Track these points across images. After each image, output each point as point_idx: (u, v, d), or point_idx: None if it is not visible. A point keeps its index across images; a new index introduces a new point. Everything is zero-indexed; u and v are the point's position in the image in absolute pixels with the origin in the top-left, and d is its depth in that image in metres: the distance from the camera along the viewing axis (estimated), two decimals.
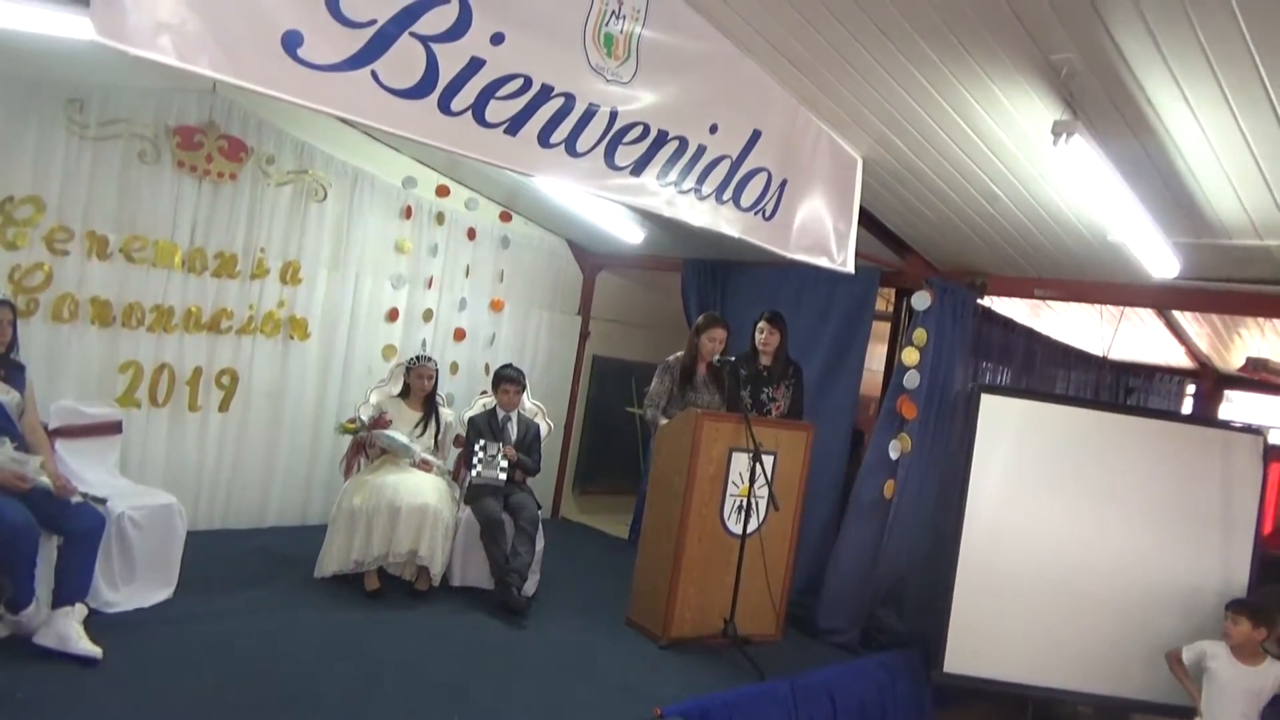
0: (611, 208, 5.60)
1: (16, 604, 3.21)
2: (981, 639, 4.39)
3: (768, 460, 4.38)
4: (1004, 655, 4.40)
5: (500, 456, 4.67)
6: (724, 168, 3.44)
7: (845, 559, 4.74)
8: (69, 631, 3.24)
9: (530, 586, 4.64)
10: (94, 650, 3.22)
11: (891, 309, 5.51)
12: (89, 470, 4.05)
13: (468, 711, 3.29)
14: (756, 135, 3.52)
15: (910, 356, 4.64)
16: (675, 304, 6.36)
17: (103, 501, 3.57)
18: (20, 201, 4.34)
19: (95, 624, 3.43)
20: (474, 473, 4.65)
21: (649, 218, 5.53)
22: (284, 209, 5.24)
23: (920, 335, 4.64)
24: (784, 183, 3.67)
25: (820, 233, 3.88)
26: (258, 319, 5.21)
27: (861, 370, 5.29)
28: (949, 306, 4.75)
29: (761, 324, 4.85)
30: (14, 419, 3.42)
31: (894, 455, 4.64)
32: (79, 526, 3.37)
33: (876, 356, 5.67)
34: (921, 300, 4.66)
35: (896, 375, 4.72)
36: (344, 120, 4.91)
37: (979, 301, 5.09)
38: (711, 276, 6.06)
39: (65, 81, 4.40)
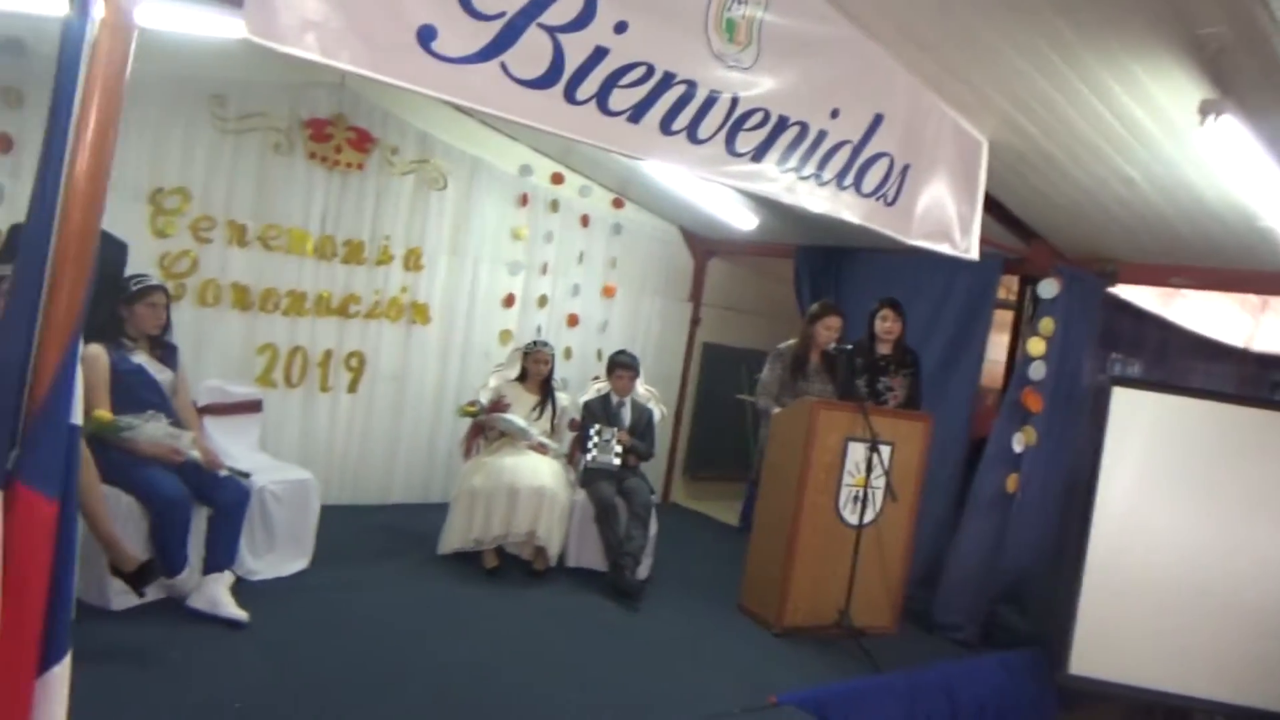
0: (724, 194, 5.58)
1: (171, 570, 3.44)
2: (1109, 641, 4.22)
3: (885, 450, 4.31)
4: (1133, 659, 4.22)
5: (614, 441, 4.74)
6: (845, 153, 3.38)
7: (965, 553, 4.63)
8: (219, 596, 3.46)
9: (644, 570, 4.69)
10: (241, 614, 3.43)
11: (1014, 297, 5.33)
12: (233, 446, 4.29)
13: (583, 691, 3.36)
14: (879, 120, 3.46)
15: (1036, 347, 4.48)
16: (787, 291, 6.31)
17: (247, 475, 3.78)
18: (169, 192, 4.62)
19: (241, 590, 3.65)
20: (589, 457, 4.73)
21: (762, 204, 5.49)
22: (407, 197, 5.42)
23: (1047, 324, 4.48)
24: (906, 167, 3.59)
25: (943, 218, 3.78)
26: (383, 304, 5.41)
27: (982, 361, 5.14)
28: (1077, 295, 4.56)
29: (884, 311, 4.77)
30: (169, 396, 3.67)
31: (1018, 448, 4.50)
32: (226, 498, 3.59)
33: (998, 346, 5.49)
34: (1049, 288, 4.50)
35: (1021, 366, 4.57)
36: (463, 110, 5.08)
37: (1108, 290, 4.87)
38: (825, 263, 5.98)
39: (209, 78, 4.65)
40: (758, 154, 3.16)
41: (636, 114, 2.84)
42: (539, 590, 4.42)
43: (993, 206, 4.50)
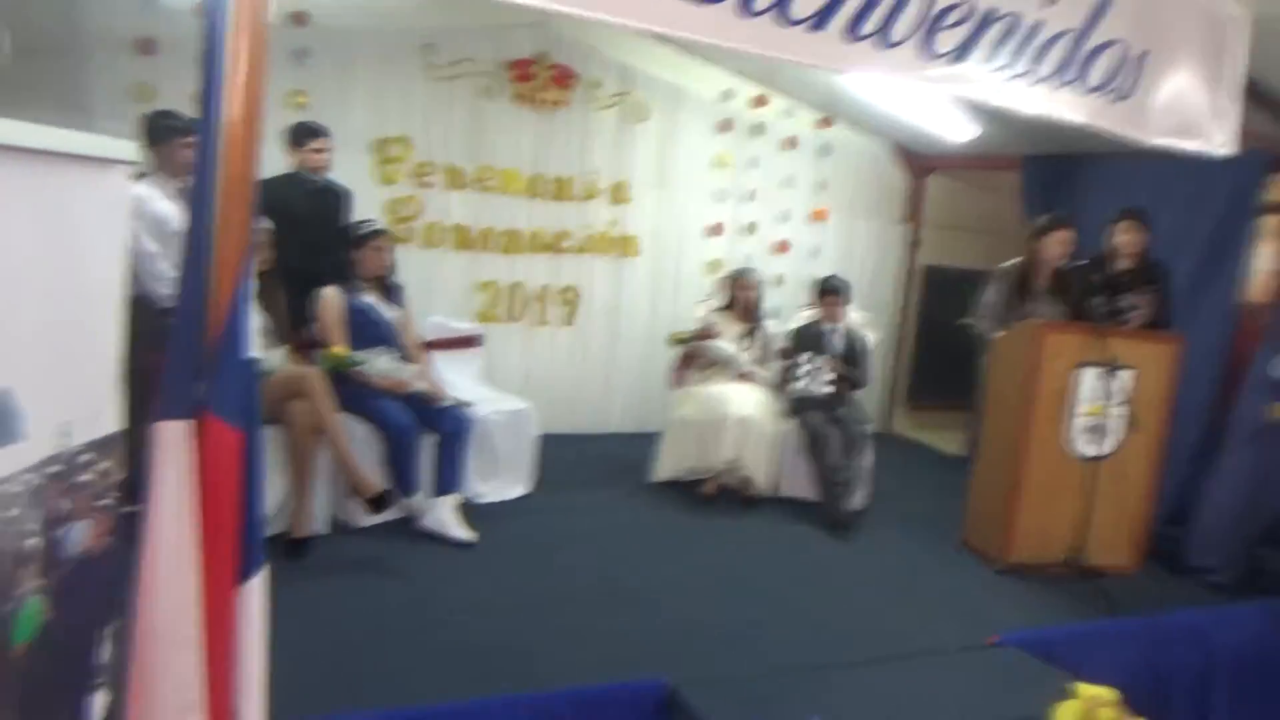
0: (940, 104, 5.19)
1: (405, 491, 3.73)
2: None
3: (1125, 376, 3.91)
4: None
5: (824, 369, 4.60)
6: (1065, 44, 3.00)
7: (1223, 488, 4.14)
8: (447, 518, 3.72)
9: (857, 501, 4.58)
10: (468, 535, 3.69)
11: None
12: (457, 378, 4.57)
13: (788, 621, 3.34)
14: (1106, 2, 3.04)
15: None
16: (1015, 206, 5.81)
17: (469, 405, 4.01)
18: (391, 141, 4.92)
19: (468, 511, 3.91)
20: (798, 385, 4.64)
21: (982, 112, 5.05)
22: (611, 131, 5.47)
23: None
24: (1144, 54, 3.14)
25: (1190, 111, 3.29)
26: (593, 238, 5.53)
27: (1243, 274, 4.50)
28: None
29: (1124, 222, 4.29)
30: (396, 333, 3.95)
31: (1276, 374, 3.93)
32: (450, 427, 3.83)
33: (1266, 257, 4.80)
34: None
35: None
36: (660, 37, 5.01)
37: None
38: (1055, 173, 5.45)
39: (419, 29, 4.88)
40: (960, 53, 2.86)
41: (820, 20, 2.64)
42: (749, 519, 4.42)
43: (1257, 93, 3.88)
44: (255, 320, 3.52)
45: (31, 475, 1.02)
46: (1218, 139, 3.32)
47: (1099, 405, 3.93)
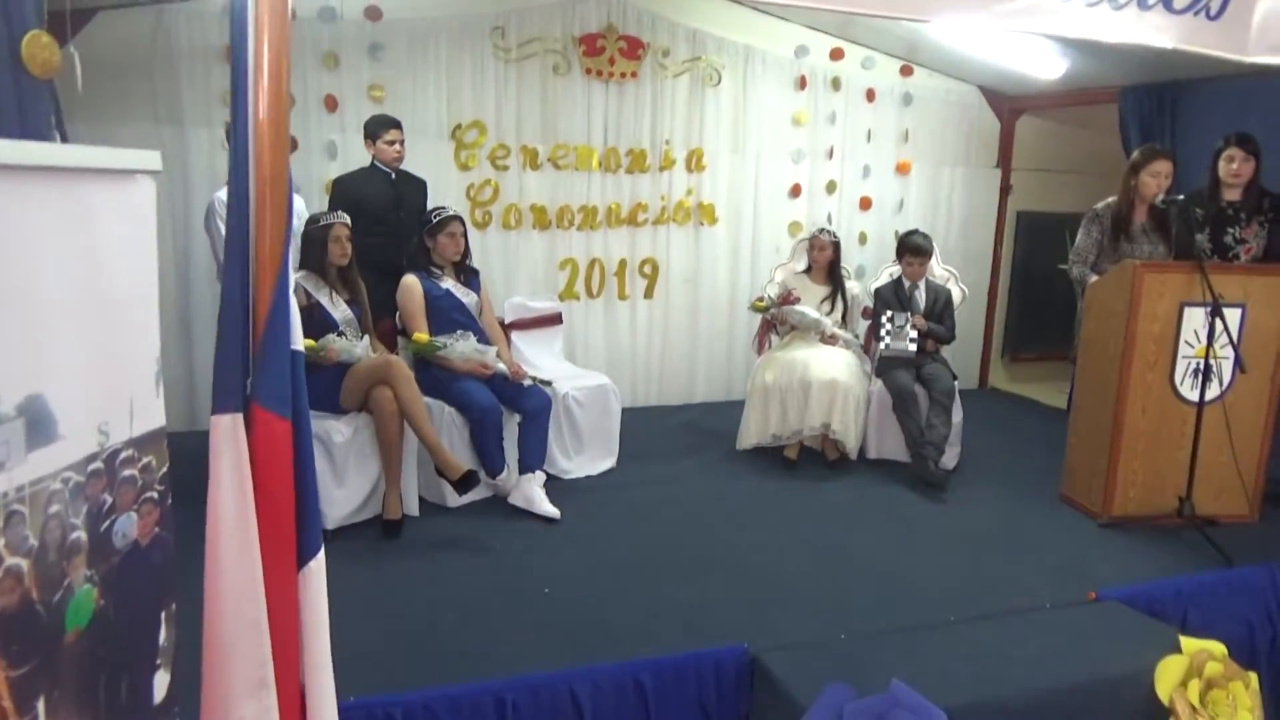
0: (1024, 42, 4.95)
1: (492, 470, 3.84)
2: None
3: (1232, 314, 3.69)
4: None
5: (909, 327, 4.49)
6: None
7: None
8: (533, 494, 3.80)
9: (949, 459, 4.47)
10: (553, 511, 3.76)
11: None
12: (538, 357, 4.66)
13: (879, 583, 3.29)
14: None
15: None
16: (1113, 143, 5.51)
17: (549, 384, 4.08)
18: (467, 127, 5.00)
19: (555, 487, 4.00)
20: (883, 345, 4.54)
21: (1070, 45, 4.80)
22: (683, 98, 5.42)
23: None
24: None
25: None
26: (669, 209, 5.50)
27: None
28: None
29: (1230, 151, 4.02)
30: (475, 316, 4.03)
31: None
32: (531, 405, 3.90)
33: None
34: None
35: None
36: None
37: None
38: (1156, 103, 5.13)
39: (487, 13, 4.93)
40: None
41: None
42: (839, 482, 4.37)
43: None
44: (341, 314, 3.68)
45: (71, 473, 1.09)
46: None
47: (1203, 347, 3.72)
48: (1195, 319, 3.73)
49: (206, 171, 4.51)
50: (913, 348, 4.49)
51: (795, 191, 5.77)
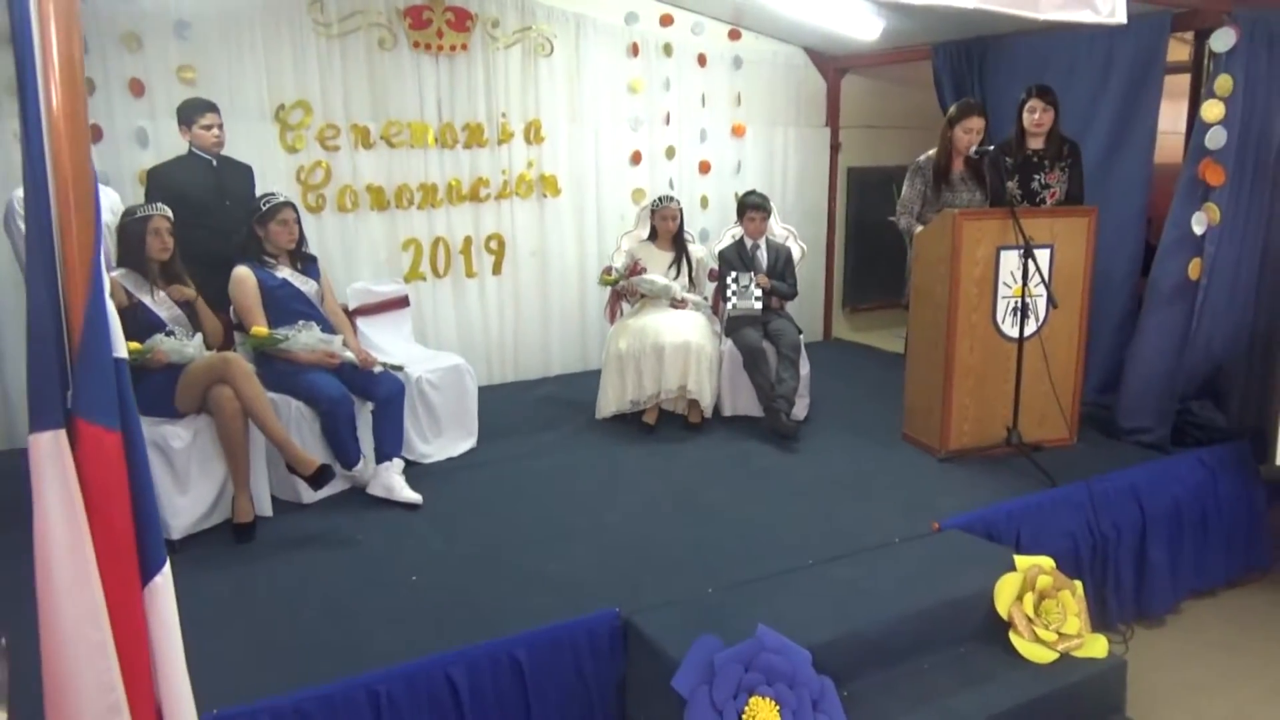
0: (844, 3, 5.14)
1: (347, 462, 3.73)
2: None
3: (1042, 255, 3.99)
4: None
5: (753, 285, 4.63)
6: None
7: (1147, 351, 4.26)
8: (392, 482, 3.73)
9: (800, 410, 4.65)
10: (415, 497, 3.69)
11: (1191, 58, 4.66)
12: (388, 342, 4.54)
13: (743, 537, 3.41)
14: None
15: (1212, 111, 3.91)
16: (930, 98, 5.81)
17: (400, 368, 3.99)
18: (291, 107, 4.77)
19: (415, 473, 3.93)
20: (730, 305, 4.66)
21: (884, 6, 5.01)
22: (516, 70, 5.34)
23: (1224, 83, 3.88)
24: None
25: None
26: (511, 182, 5.43)
27: (1154, 137, 4.56)
28: (1262, 40, 3.90)
29: (1032, 102, 4.31)
30: (316, 305, 3.88)
31: (1199, 229, 4.01)
32: (383, 392, 3.81)
33: (1176, 117, 4.87)
34: (1223, 39, 3.86)
35: (1196, 135, 4.02)
36: None
37: None
38: (966, 59, 5.44)
39: None
40: None
41: None
42: (697, 442, 4.48)
43: None
44: (168, 312, 3.47)
45: None
46: (1105, 8, 3.31)
47: (1019, 287, 4.00)
48: (1011, 261, 4.00)
49: (1, 167, 4.13)
50: (759, 306, 4.63)
51: (636, 159, 5.81)
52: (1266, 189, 4.11)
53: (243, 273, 3.70)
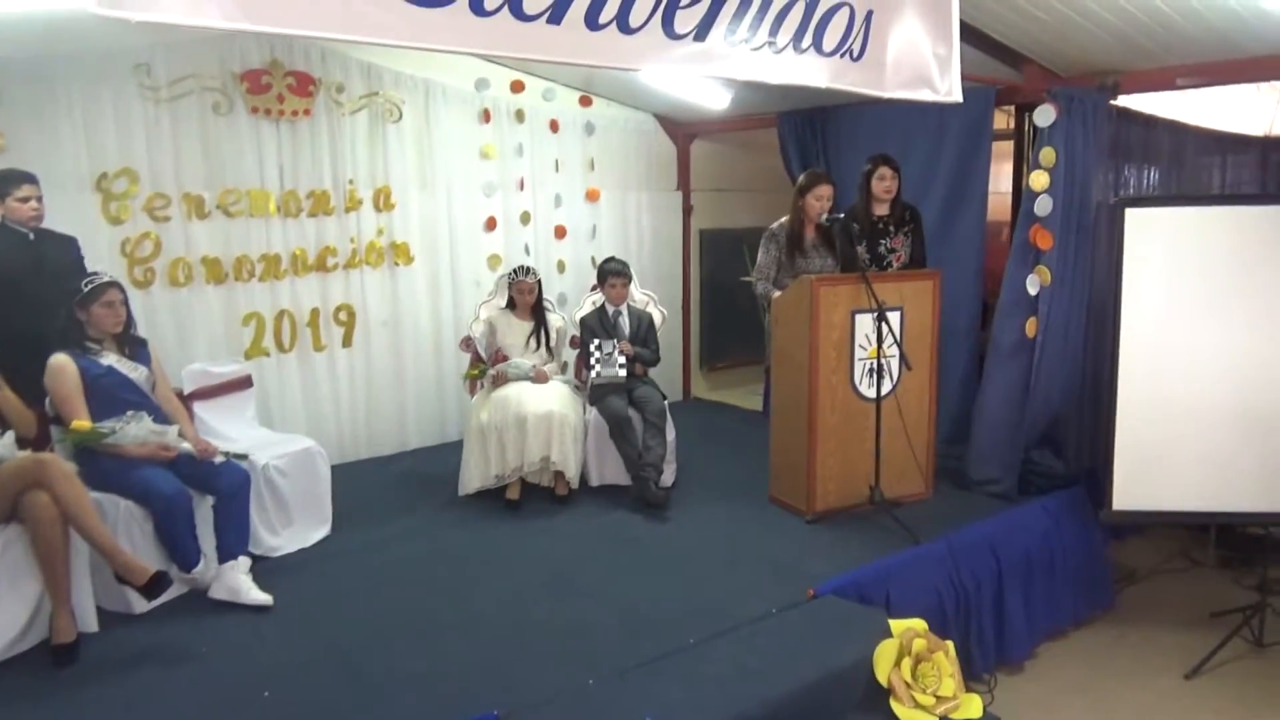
0: (694, 78, 5.26)
1: (186, 565, 3.40)
2: (1151, 470, 4.08)
3: (893, 316, 4.14)
4: (1178, 484, 4.08)
5: (617, 353, 4.59)
6: (798, 12, 3.08)
7: (991, 406, 4.48)
8: (238, 583, 3.42)
9: (668, 477, 4.62)
10: (263, 598, 3.39)
11: (1013, 125, 5.02)
12: (229, 426, 4.22)
13: (618, 613, 3.31)
14: None
15: (1039, 180, 4.20)
16: (777, 163, 6.01)
17: (244, 456, 3.70)
18: (115, 175, 4.41)
19: (264, 569, 3.63)
20: (593, 373, 4.60)
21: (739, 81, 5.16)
22: (363, 136, 5.17)
23: (1048, 154, 4.18)
24: (869, 14, 3.27)
25: (918, 63, 3.47)
26: (360, 251, 5.22)
27: (986, 201, 4.87)
28: (1078, 116, 4.24)
29: (881, 169, 4.51)
30: (147, 393, 3.55)
31: (1033, 290, 4.27)
32: (226, 485, 3.51)
33: (1003, 178, 5.22)
34: (1045, 115, 4.18)
35: (1025, 203, 4.31)
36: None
37: (1112, 103, 4.53)
38: (810, 127, 5.67)
39: (129, 47, 4.37)
40: (700, 31, 2.88)
41: (556, 13, 2.56)
42: (565, 515, 4.37)
43: (975, 36, 4.18)
44: None
45: None
46: (944, 86, 3.51)
47: (874, 349, 4.13)
48: (865, 324, 4.13)
49: None
50: (622, 373, 4.59)
51: (490, 225, 5.71)
52: (1088, 249, 4.43)
53: (61, 360, 3.34)
